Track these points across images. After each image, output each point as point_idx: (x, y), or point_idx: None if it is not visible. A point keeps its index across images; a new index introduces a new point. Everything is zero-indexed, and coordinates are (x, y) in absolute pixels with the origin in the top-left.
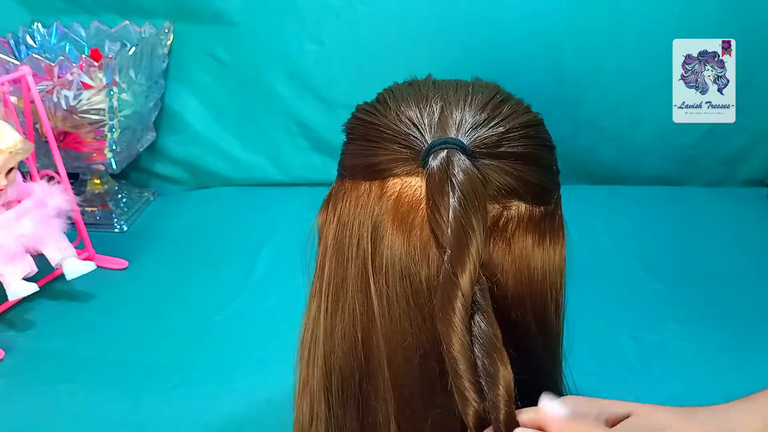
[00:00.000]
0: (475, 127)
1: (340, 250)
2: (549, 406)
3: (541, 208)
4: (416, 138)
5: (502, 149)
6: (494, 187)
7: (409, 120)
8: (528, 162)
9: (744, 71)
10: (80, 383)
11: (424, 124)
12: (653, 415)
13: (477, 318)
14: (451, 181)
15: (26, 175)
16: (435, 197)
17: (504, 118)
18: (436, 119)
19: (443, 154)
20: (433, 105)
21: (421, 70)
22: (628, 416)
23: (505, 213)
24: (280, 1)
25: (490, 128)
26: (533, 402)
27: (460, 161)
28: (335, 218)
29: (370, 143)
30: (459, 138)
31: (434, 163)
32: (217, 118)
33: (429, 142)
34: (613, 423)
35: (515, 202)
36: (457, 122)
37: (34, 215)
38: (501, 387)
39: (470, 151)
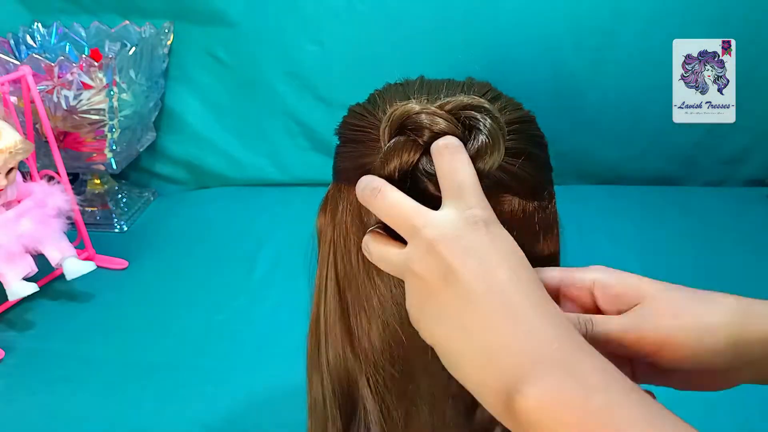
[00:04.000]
0: None
1: (340, 251)
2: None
3: (534, 203)
4: None
5: None
6: (486, 182)
7: None
8: (520, 157)
9: (744, 71)
10: (80, 383)
11: None
12: (658, 307)
13: None
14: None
15: (26, 175)
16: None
17: None
18: None
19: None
20: None
21: (421, 70)
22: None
23: (497, 208)
24: (280, 1)
25: None
26: None
27: None
28: (333, 220)
29: (359, 145)
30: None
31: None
32: (217, 118)
33: None
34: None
35: (508, 197)
36: None
37: (34, 215)
38: None
39: None
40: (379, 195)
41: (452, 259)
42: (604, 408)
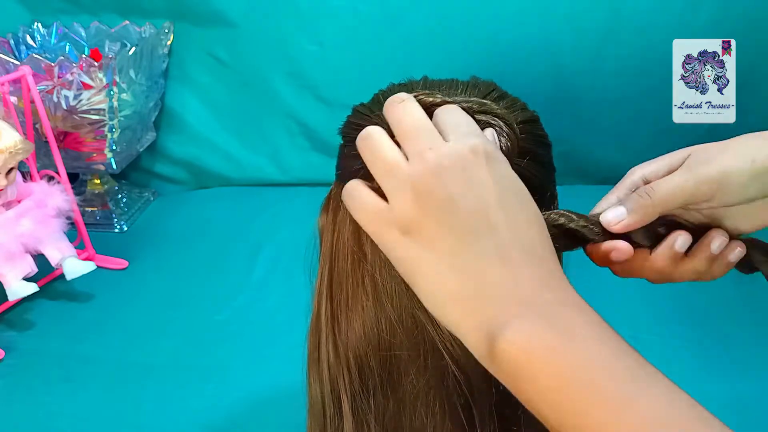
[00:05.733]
0: None
1: (342, 251)
2: (610, 216)
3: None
4: None
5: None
6: None
7: None
8: (525, 157)
9: (744, 71)
10: (80, 383)
11: None
12: (708, 148)
13: None
14: None
15: (26, 175)
16: None
17: None
18: None
19: None
20: None
21: (421, 70)
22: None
23: None
24: (280, 2)
25: None
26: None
27: None
28: (335, 220)
29: None
30: None
31: None
32: (217, 118)
33: None
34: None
35: None
36: None
37: (34, 215)
38: None
39: None
40: (402, 104)
41: (454, 191)
42: (587, 360)
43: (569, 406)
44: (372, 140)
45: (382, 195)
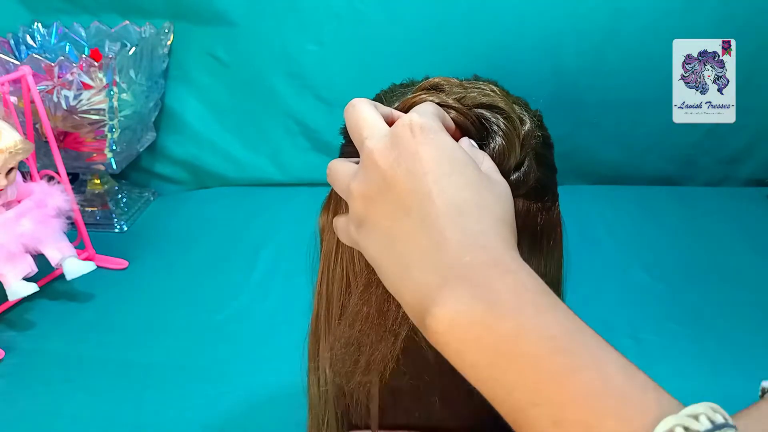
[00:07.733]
0: None
1: (342, 251)
2: None
3: (538, 204)
4: None
5: None
6: None
7: None
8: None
9: (744, 71)
10: (80, 383)
11: None
12: None
13: None
14: None
15: (26, 175)
16: None
17: None
18: None
19: None
20: None
21: (422, 70)
22: None
23: None
24: (280, 2)
25: None
26: None
27: None
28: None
29: None
30: None
31: None
32: (217, 118)
33: None
34: None
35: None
36: None
37: (34, 215)
38: None
39: None
40: (352, 108)
41: (386, 169)
42: (512, 332)
43: (497, 381)
44: (332, 167)
45: None
